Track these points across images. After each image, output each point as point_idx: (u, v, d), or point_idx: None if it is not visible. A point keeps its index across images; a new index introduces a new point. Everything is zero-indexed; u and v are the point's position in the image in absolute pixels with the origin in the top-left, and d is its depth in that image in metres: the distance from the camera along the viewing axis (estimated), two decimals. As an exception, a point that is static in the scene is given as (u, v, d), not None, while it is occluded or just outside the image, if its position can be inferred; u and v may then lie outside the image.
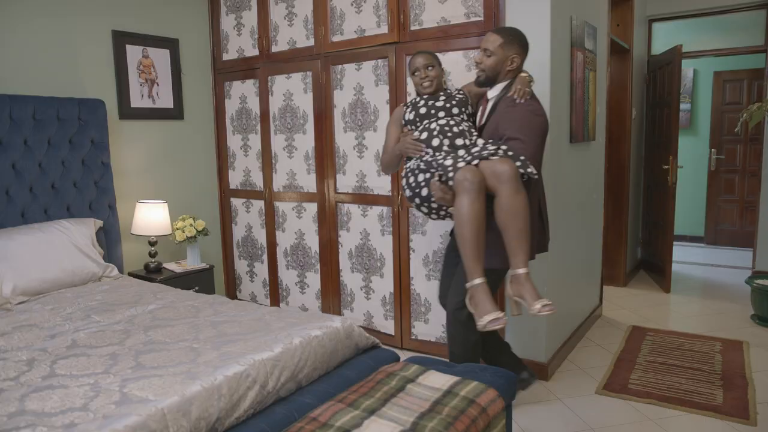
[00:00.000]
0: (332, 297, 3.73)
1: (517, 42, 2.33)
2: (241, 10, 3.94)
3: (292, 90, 3.74)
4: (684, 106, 6.59)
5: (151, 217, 3.54)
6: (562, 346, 3.29)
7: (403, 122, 2.55)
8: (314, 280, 3.82)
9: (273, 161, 3.91)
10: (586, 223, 3.70)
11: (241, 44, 3.99)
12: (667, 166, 4.62)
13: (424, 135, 2.38)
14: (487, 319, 1.94)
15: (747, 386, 2.92)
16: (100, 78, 3.53)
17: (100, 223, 3.29)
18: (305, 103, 3.69)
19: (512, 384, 2.05)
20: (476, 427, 1.74)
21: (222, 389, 1.68)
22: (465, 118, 2.44)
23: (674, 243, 4.82)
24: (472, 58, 2.59)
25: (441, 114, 2.41)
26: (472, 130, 2.39)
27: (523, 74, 2.35)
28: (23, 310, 2.53)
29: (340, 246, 3.65)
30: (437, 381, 1.95)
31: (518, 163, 2.09)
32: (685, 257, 5.90)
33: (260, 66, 3.88)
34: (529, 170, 2.09)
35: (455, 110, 2.43)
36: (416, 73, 2.50)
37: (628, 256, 4.95)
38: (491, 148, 2.14)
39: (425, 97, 2.50)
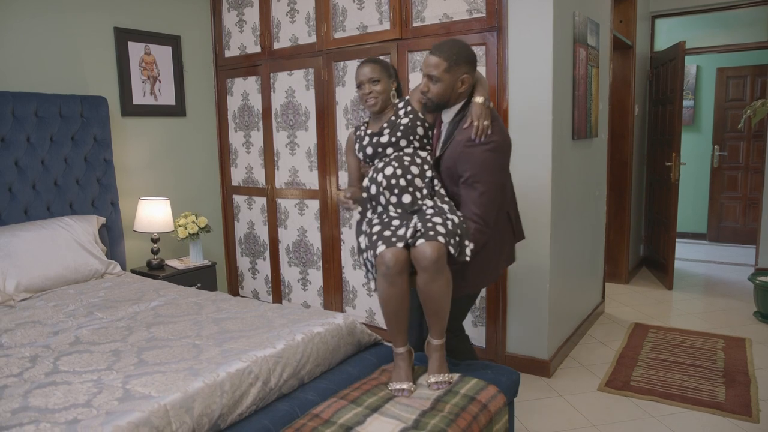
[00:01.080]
0: (334, 294, 3.73)
1: (464, 60, 2.02)
2: (243, 6, 3.94)
3: (294, 87, 3.74)
4: (687, 102, 6.57)
5: (153, 214, 3.55)
6: (564, 343, 3.29)
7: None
8: (316, 277, 3.82)
9: (275, 158, 3.91)
10: (588, 219, 3.69)
11: (243, 41, 3.98)
12: (669, 163, 4.61)
13: (373, 189, 2.11)
14: (394, 386, 1.91)
15: (749, 383, 2.92)
16: (103, 75, 3.53)
17: (102, 220, 3.30)
18: (307, 99, 3.69)
19: (514, 381, 2.05)
20: (478, 423, 1.75)
21: (224, 386, 1.68)
22: (416, 146, 2.15)
23: (677, 240, 4.81)
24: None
25: (389, 151, 2.14)
26: (425, 168, 2.10)
27: (478, 100, 2.03)
28: (26, 307, 2.53)
29: (342, 243, 3.65)
30: (439, 378, 1.95)
31: (454, 240, 1.91)
32: (687, 254, 5.89)
33: (262, 63, 3.87)
34: (466, 251, 1.96)
35: (403, 142, 2.13)
36: (360, 87, 2.22)
37: (630, 253, 4.95)
38: (429, 221, 1.92)
39: (369, 132, 2.22)
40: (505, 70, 2.93)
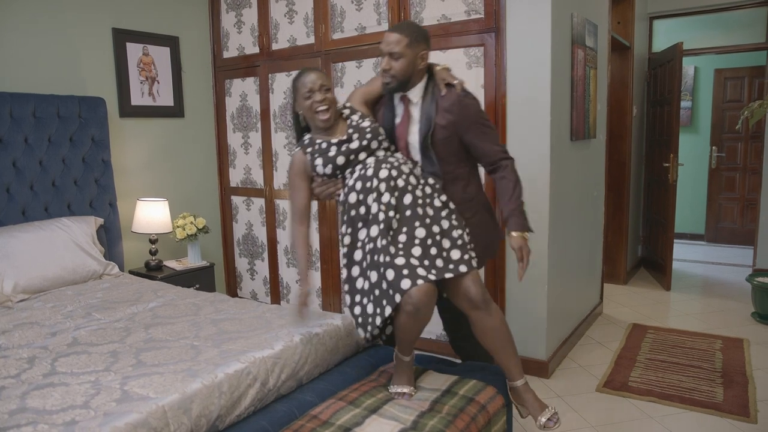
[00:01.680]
0: (333, 295, 3.73)
1: (422, 37, 2.07)
2: (242, 7, 3.94)
3: (293, 88, 3.73)
4: (685, 103, 6.58)
5: (151, 214, 3.54)
6: (562, 344, 3.29)
7: (315, 174, 2.09)
8: (315, 278, 3.82)
9: (273, 159, 3.91)
10: (586, 220, 3.70)
11: (241, 42, 3.98)
12: (667, 164, 4.62)
13: (370, 199, 1.92)
14: (395, 389, 1.89)
15: (747, 384, 2.92)
16: (101, 76, 3.52)
17: (100, 220, 3.29)
18: (306, 100, 3.68)
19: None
20: (476, 424, 1.75)
21: (222, 387, 1.68)
22: (385, 147, 2.06)
23: (675, 241, 4.82)
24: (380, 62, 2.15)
25: (362, 156, 2.01)
26: (410, 166, 2.02)
27: (442, 66, 2.15)
28: (24, 308, 2.53)
29: (340, 244, 3.64)
30: (436, 380, 1.95)
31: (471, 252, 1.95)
32: (685, 255, 5.90)
33: (261, 63, 3.87)
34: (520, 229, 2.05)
35: (374, 144, 2.01)
36: (310, 97, 1.99)
37: (628, 254, 4.95)
38: (440, 247, 1.87)
39: (333, 142, 2.01)
40: (504, 71, 2.94)
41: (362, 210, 1.95)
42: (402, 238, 1.85)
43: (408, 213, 1.90)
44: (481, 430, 1.77)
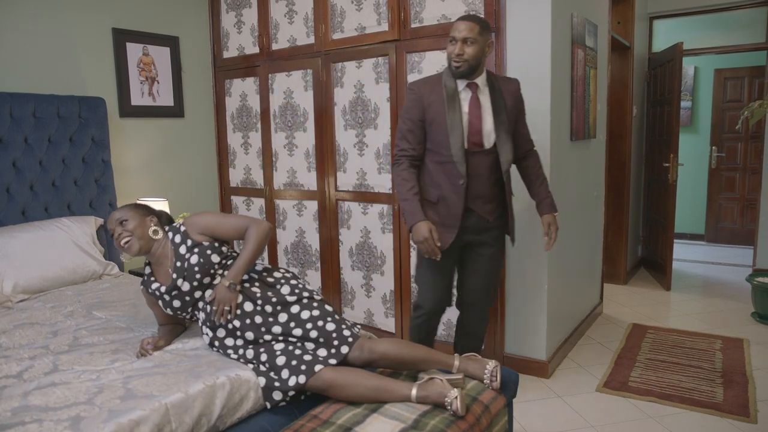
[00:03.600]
0: (333, 295, 3.73)
1: (487, 28, 2.31)
2: (242, 7, 3.94)
3: (293, 88, 3.73)
4: (685, 103, 6.58)
5: (151, 215, 3.54)
6: (562, 344, 3.29)
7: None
8: (315, 278, 3.82)
9: (273, 159, 3.91)
10: (586, 220, 3.70)
11: (241, 42, 3.98)
12: (667, 164, 4.62)
13: (221, 332, 1.95)
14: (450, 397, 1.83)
15: (747, 384, 2.92)
16: (101, 76, 3.52)
17: (100, 221, 3.29)
18: (306, 100, 3.68)
19: (513, 381, 2.05)
20: (479, 425, 1.74)
21: (225, 388, 1.69)
22: (220, 273, 2.05)
23: (675, 241, 4.82)
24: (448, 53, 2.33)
25: (198, 294, 2.02)
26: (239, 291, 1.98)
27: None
28: (24, 308, 2.53)
29: (340, 244, 3.65)
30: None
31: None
32: (685, 255, 5.90)
33: (261, 64, 3.87)
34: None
35: (206, 280, 2.01)
36: (113, 235, 2.07)
37: (628, 254, 4.95)
38: (324, 353, 1.87)
39: (162, 290, 2.03)
40: (504, 71, 2.94)
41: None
42: (264, 357, 1.87)
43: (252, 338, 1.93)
44: (483, 431, 1.77)
